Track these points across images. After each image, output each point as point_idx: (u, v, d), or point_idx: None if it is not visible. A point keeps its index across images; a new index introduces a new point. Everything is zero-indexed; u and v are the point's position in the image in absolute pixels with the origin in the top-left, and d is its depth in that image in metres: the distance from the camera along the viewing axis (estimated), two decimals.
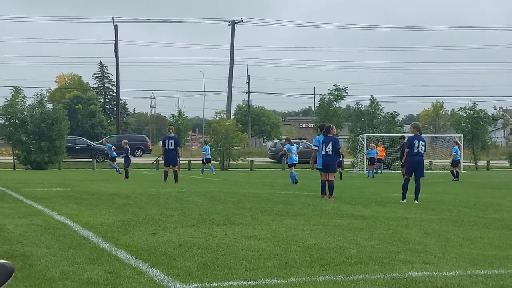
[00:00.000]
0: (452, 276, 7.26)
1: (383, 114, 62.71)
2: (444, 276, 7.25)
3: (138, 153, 66.11)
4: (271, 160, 71.65)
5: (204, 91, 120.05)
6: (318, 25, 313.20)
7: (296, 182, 28.15)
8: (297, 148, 30.45)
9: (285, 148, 30.85)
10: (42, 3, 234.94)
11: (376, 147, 45.26)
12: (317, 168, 20.47)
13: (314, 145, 20.99)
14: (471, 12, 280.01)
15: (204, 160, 43.39)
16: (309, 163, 27.73)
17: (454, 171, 37.63)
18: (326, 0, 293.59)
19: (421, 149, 18.50)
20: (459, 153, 39.27)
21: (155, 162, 53.90)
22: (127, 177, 31.26)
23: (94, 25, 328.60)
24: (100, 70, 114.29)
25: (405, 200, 18.10)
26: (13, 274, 3.29)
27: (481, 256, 8.60)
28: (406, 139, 35.48)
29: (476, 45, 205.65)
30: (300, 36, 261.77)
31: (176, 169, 26.51)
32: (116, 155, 43.25)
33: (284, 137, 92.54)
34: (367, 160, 43.23)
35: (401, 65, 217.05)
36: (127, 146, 33.69)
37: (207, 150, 43.89)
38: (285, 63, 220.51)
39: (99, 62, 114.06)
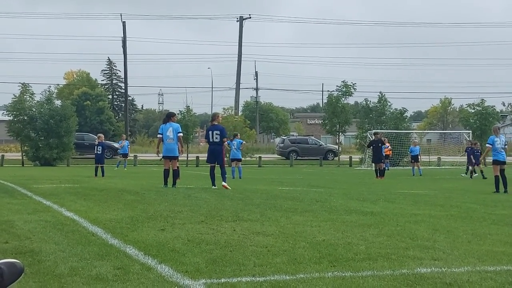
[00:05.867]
0: (461, 272, 7.24)
1: (391, 111, 62.67)
2: (453, 272, 7.23)
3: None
4: (279, 156, 71.71)
5: (212, 87, 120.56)
6: (326, 21, 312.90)
7: (233, 178, 28.84)
8: (241, 144, 31.31)
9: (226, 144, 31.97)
10: (44, 0, 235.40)
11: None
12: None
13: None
14: (479, 8, 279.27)
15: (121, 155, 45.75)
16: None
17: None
18: None
19: (216, 138, 20.58)
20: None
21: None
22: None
23: (102, 21, 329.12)
24: (108, 66, 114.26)
25: (215, 187, 20.37)
26: (23, 273, 3.30)
27: (490, 253, 8.57)
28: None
29: (485, 41, 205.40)
30: (308, 32, 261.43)
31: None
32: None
33: (295, 134, 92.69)
34: (410, 158, 41.04)
35: (409, 61, 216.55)
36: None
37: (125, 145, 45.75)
38: (293, 59, 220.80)
39: (107, 58, 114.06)
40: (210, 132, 20.65)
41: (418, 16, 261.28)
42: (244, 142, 34.22)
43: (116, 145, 68.70)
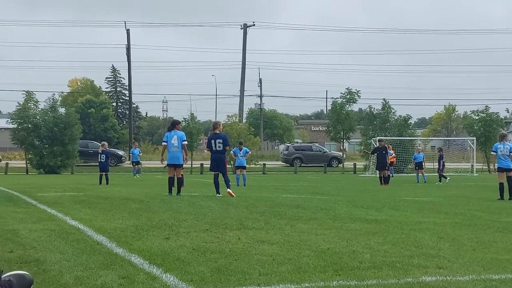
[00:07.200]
0: (466, 281, 7.23)
1: (395, 117, 62.70)
2: (458, 281, 7.22)
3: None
4: (283, 163, 71.75)
5: (216, 94, 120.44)
6: (330, 28, 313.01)
7: (238, 185, 29.12)
8: (246, 153, 31.55)
9: (232, 152, 32.61)
10: (46, 7, 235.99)
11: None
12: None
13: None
14: (482, 14, 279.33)
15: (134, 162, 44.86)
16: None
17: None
18: (335, 3, 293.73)
19: (219, 147, 20.71)
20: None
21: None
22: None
23: (106, 29, 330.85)
24: (112, 74, 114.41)
25: (219, 194, 20.50)
26: (32, 285, 3.32)
27: (494, 261, 8.56)
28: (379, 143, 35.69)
29: (489, 47, 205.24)
30: (312, 39, 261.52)
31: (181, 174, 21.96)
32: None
33: (298, 141, 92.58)
34: (414, 165, 41.00)
35: (413, 68, 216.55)
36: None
37: (134, 152, 45.13)
38: (297, 66, 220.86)
39: (111, 66, 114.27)
40: (213, 141, 20.69)
41: (422, 22, 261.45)
42: (249, 152, 34.34)
43: (120, 152, 68.82)
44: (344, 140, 66.06)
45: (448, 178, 37.68)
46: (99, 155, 31.60)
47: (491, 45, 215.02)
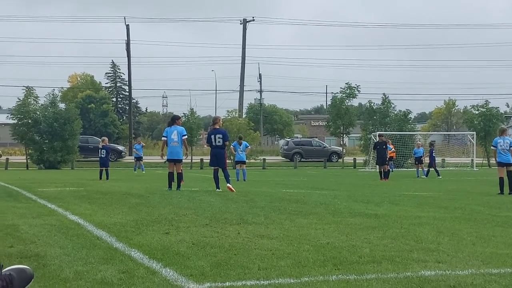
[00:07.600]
0: (465, 275, 7.24)
1: (395, 112, 62.70)
2: (457, 275, 7.23)
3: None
4: (283, 158, 71.78)
5: (216, 90, 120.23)
6: (329, 23, 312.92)
7: (237, 180, 29.25)
8: (245, 147, 31.52)
9: (232, 147, 32.44)
10: (45, 3, 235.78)
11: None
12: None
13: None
14: (480, 8, 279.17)
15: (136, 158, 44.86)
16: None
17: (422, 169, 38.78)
18: None
19: (219, 142, 20.83)
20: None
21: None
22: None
23: (106, 24, 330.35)
24: (112, 69, 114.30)
25: (219, 189, 20.42)
26: (33, 279, 3.32)
27: (494, 255, 8.57)
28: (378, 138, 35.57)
29: (489, 42, 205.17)
30: (311, 34, 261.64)
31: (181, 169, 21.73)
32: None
33: (299, 135, 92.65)
34: (414, 160, 40.97)
35: (413, 63, 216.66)
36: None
37: (137, 148, 45.04)
38: (296, 61, 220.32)
39: (111, 61, 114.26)
40: (213, 136, 20.74)
41: (421, 17, 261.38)
42: (249, 146, 34.40)
43: (120, 148, 68.87)
44: (344, 135, 66.05)
45: (426, 177, 37.66)
46: (99, 150, 31.64)
47: (490, 40, 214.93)
